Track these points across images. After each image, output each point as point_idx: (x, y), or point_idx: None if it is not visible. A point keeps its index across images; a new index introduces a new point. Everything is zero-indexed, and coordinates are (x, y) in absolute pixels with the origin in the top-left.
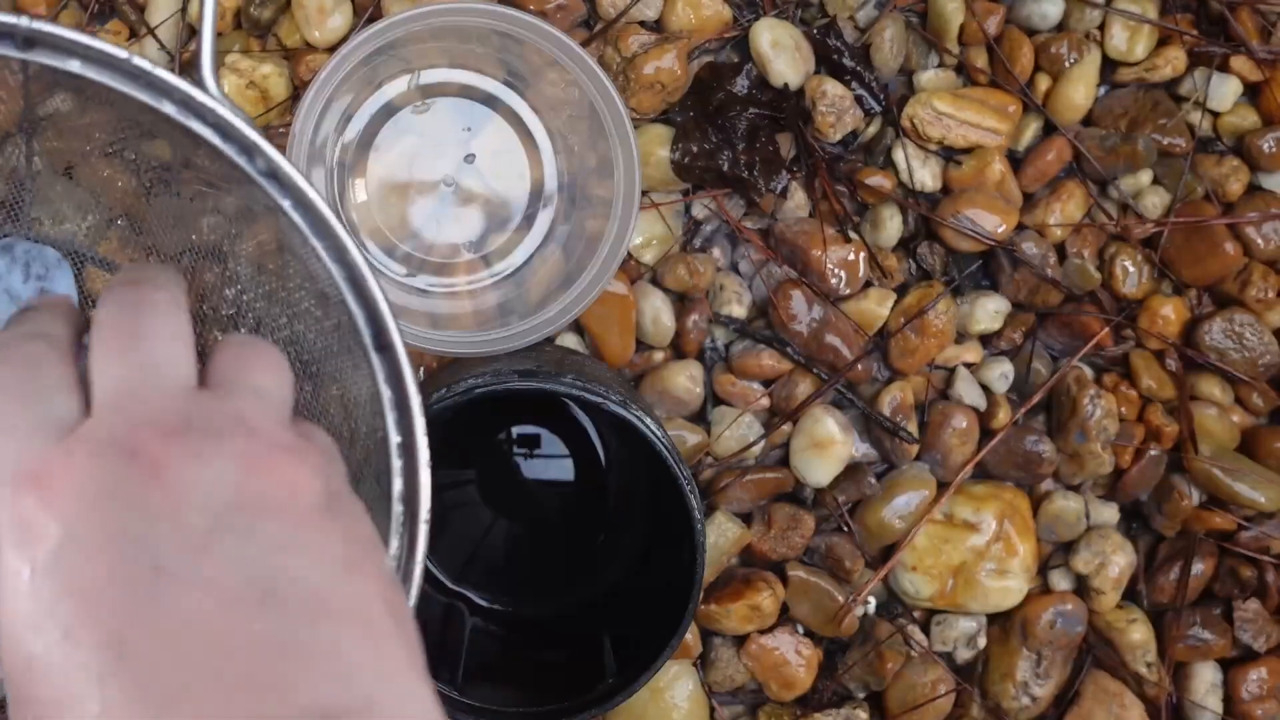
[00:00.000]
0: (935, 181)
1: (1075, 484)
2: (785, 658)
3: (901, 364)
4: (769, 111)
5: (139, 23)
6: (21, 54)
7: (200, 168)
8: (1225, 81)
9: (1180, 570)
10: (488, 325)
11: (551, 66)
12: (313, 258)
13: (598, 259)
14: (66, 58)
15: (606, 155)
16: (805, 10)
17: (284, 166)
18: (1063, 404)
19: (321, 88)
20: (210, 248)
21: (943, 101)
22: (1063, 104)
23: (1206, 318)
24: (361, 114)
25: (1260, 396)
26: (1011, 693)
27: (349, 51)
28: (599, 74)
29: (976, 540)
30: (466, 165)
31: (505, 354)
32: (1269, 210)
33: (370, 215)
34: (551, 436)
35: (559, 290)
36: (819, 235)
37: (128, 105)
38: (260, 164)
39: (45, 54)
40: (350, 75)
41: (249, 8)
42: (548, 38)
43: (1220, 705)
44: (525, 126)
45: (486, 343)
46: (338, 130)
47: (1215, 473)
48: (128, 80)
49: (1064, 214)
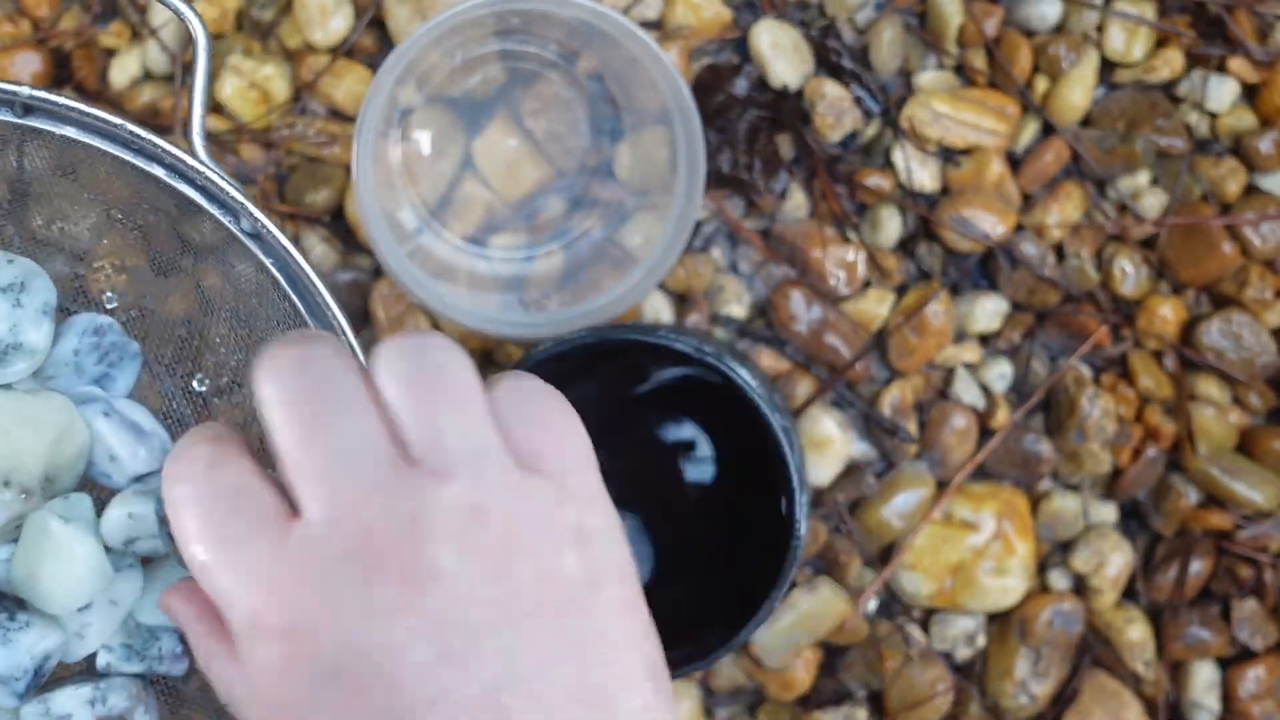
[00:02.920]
0: (934, 182)
1: (1074, 483)
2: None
3: (900, 364)
4: (769, 113)
5: (141, 24)
6: (19, 120)
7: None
8: (1223, 83)
9: (1178, 569)
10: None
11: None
12: (292, 315)
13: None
14: (61, 124)
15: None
16: (805, 12)
17: (270, 227)
18: (1061, 404)
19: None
20: (198, 300)
21: (941, 102)
22: (1061, 105)
23: (1204, 318)
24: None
25: (1258, 396)
26: (1010, 691)
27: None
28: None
29: (975, 539)
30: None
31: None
32: (1267, 211)
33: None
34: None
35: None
36: (818, 236)
37: (121, 167)
38: (245, 224)
39: (42, 120)
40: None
41: (250, 9)
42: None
43: (1218, 704)
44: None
45: (563, 321)
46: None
47: (1213, 472)
48: (120, 145)
49: (1062, 214)
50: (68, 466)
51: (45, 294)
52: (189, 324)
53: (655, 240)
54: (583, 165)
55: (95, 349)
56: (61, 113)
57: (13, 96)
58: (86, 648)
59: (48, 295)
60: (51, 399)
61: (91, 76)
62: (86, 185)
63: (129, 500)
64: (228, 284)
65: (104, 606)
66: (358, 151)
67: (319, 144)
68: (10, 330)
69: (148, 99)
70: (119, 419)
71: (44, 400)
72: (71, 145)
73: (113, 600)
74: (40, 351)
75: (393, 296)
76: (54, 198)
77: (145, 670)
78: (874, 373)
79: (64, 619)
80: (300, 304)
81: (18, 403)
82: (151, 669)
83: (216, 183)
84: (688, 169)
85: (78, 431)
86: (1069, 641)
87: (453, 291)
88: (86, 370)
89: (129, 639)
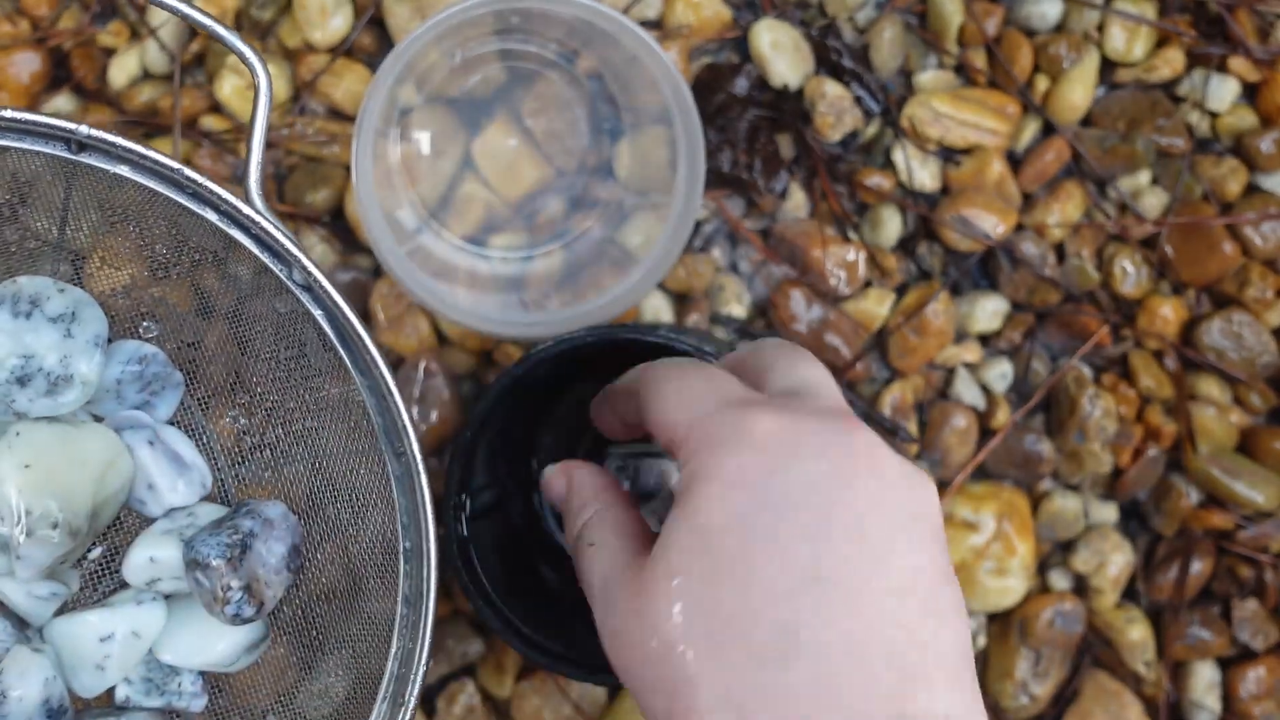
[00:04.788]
0: (934, 182)
1: (1074, 483)
2: None
3: (901, 364)
4: (769, 112)
5: (140, 23)
6: (74, 156)
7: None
8: (1223, 82)
9: (1179, 569)
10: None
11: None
12: (336, 365)
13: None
14: (116, 163)
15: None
16: (805, 11)
17: (321, 280)
18: (1062, 404)
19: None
20: (234, 339)
21: (942, 102)
22: (1061, 104)
23: (1205, 318)
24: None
25: (1258, 396)
26: (1011, 691)
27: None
28: (660, 56)
29: (976, 539)
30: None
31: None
32: (1267, 210)
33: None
34: None
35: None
36: (818, 235)
37: (170, 207)
38: (298, 276)
39: (99, 158)
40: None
41: (250, 9)
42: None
43: (1219, 704)
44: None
45: (563, 321)
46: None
47: (1214, 472)
48: (173, 187)
49: (1063, 214)
50: (112, 499)
51: (96, 325)
52: (227, 361)
53: (655, 240)
54: (583, 165)
55: (138, 378)
56: (116, 152)
57: (69, 134)
58: (106, 680)
59: (99, 327)
60: (97, 432)
61: (90, 76)
62: (134, 219)
63: (153, 542)
64: (268, 326)
65: (126, 639)
66: (357, 151)
67: (319, 143)
68: (61, 362)
69: (147, 98)
70: (162, 449)
71: (89, 434)
72: (122, 182)
73: (134, 632)
74: (91, 384)
75: (393, 296)
76: (101, 233)
77: (164, 705)
78: (874, 372)
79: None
80: (346, 356)
81: (65, 439)
82: (170, 704)
83: (272, 234)
84: (688, 169)
85: (123, 464)
86: (1069, 642)
87: (452, 291)
88: (128, 398)
89: (149, 674)
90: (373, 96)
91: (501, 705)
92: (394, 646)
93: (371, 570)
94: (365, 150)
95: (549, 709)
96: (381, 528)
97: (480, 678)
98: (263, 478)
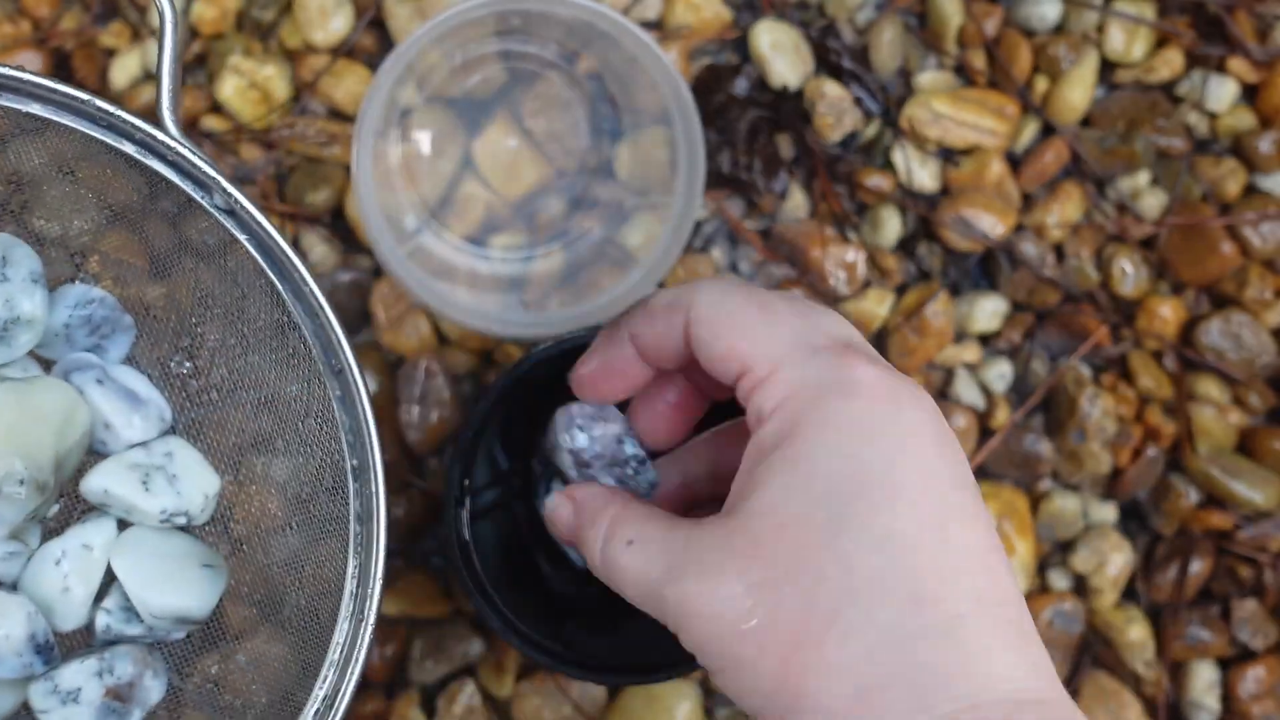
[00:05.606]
0: (934, 182)
1: (1074, 483)
2: None
3: (901, 364)
4: (769, 113)
5: (141, 24)
6: None
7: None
8: (1223, 83)
9: (1178, 569)
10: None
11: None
12: (268, 290)
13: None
14: (28, 100)
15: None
16: (805, 12)
17: (243, 202)
18: (1061, 404)
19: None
20: (175, 277)
21: (941, 102)
22: (1061, 105)
23: (1204, 318)
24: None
25: (1258, 396)
26: None
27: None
28: (661, 58)
29: None
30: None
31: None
32: (1266, 211)
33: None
34: None
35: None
36: (818, 236)
37: (90, 144)
38: (220, 200)
39: (9, 98)
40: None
41: (250, 9)
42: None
43: (1218, 704)
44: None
45: (563, 321)
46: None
47: (1213, 472)
48: (88, 122)
49: (1062, 214)
50: (75, 449)
51: (29, 262)
52: (168, 305)
53: (655, 240)
54: (583, 165)
55: (87, 322)
56: (27, 89)
57: None
58: (76, 602)
59: (32, 264)
60: (51, 385)
61: (92, 76)
62: (55, 161)
63: (109, 473)
64: (200, 261)
65: (77, 552)
66: (357, 151)
67: (319, 144)
68: (5, 304)
69: (148, 99)
70: (113, 386)
71: (43, 388)
72: (41, 126)
73: (84, 544)
74: (38, 320)
75: (393, 296)
76: (28, 186)
77: (145, 632)
78: None
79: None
80: (277, 280)
81: (20, 396)
82: (151, 630)
83: (189, 158)
84: (687, 169)
85: (80, 415)
86: (1069, 641)
87: (452, 291)
88: (77, 342)
89: (127, 603)
90: (373, 97)
91: (501, 705)
92: (350, 566)
93: (323, 494)
94: (365, 150)
95: (549, 709)
96: (329, 450)
97: (480, 677)
98: (211, 419)
